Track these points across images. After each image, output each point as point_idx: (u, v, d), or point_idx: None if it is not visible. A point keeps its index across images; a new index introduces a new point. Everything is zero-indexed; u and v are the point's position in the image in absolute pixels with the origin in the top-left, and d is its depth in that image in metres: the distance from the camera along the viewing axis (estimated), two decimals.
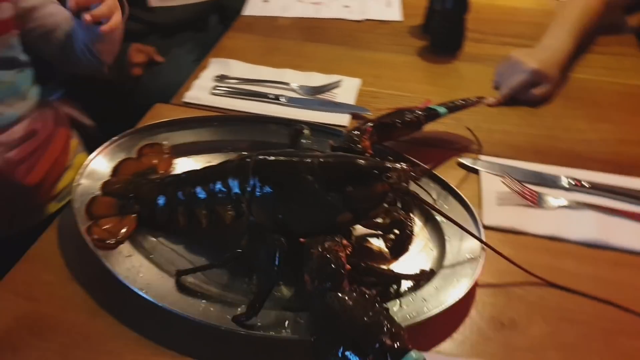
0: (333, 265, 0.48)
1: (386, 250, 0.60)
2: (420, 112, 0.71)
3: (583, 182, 0.69)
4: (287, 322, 0.52)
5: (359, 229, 0.61)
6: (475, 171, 0.72)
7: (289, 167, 0.56)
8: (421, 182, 0.61)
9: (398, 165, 0.55)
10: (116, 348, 0.52)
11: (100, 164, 0.67)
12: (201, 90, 0.86)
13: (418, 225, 0.63)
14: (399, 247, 0.60)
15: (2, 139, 0.80)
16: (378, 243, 0.61)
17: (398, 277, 0.55)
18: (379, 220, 0.60)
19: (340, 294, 0.46)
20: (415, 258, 0.60)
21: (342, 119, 0.80)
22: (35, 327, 0.53)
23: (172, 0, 1.24)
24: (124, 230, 0.60)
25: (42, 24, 0.84)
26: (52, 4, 0.86)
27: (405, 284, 0.55)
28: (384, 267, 0.58)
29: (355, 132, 0.65)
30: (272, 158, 0.57)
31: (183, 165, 0.72)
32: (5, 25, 0.78)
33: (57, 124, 0.93)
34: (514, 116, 0.84)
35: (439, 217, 0.61)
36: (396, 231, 0.60)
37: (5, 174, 0.81)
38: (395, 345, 0.40)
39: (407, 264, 0.59)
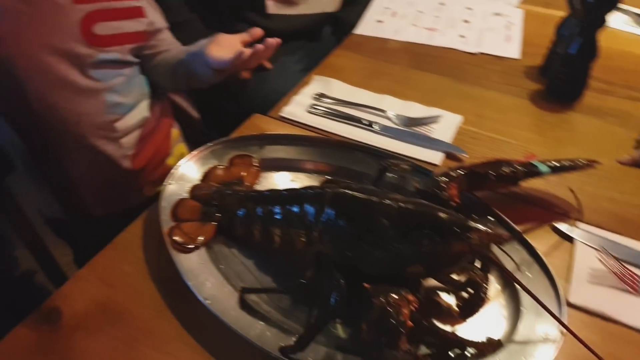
0: (393, 321, 0.46)
1: (455, 308, 0.57)
2: (519, 167, 0.66)
3: None
4: None
5: (431, 279, 0.58)
6: (570, 239, 0.66)
7: (366, 206, 0.55)
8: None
9: (482, 227, 0.52)
10: (173, 350, 0.54)
11: (191, 168, 0.71)
12: (298, 107, 0.87)
13: (494, 289, 0.59)
14: (470, 308, 0.57)
15: (119, 126, 0.87)
16: (448, 299, 0.58)
17: (461, 343, 0.52)
18: (454, 276, 0.57)
19: (394, 353, 0.45)
20: (485, 324, 0.56)
21: (435, 157, 0.78)
22: (109, 314, 0.57)
23: (290, 9, 1.28)
24: (202, 237, 0.62)
25: (157, 45, 0.92)
26: (167, 29, 0.95)
27: (468, 351, 0.52)
28: (449, 328, 0.55)
29: (443, 179, 0.62)
30: (351, 193, 0.57)
31: (270, 179, 0.73)
32: (138, 36, 0.86)
33: (163, 114, 0.99)
34: (627, 183, 0.76)
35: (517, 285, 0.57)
36: (470, 290, 0.57)
37: (116, 158, 0.88)
38: None
39: (474, 328, 0.55)
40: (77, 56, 0.78)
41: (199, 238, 0.62)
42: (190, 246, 0.61)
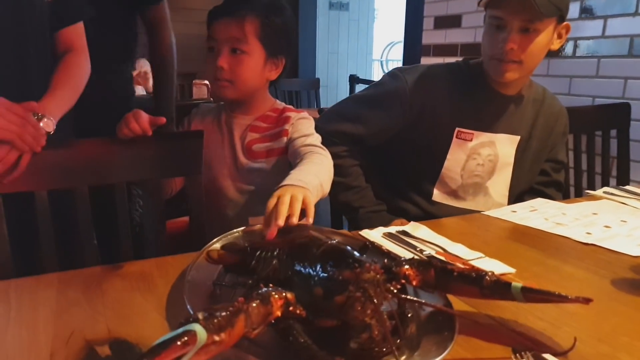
0: None
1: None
2: (489, 277, 0.65)
3: None
4: None
5: None
6: None
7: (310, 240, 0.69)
8: None
9: (371, 266, 0.58)
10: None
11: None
12: (378, 232, 1.03)
13: None
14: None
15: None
16: None
17: None
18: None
19: None
20: None
21: None
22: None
23: (456, 202, 1.45)
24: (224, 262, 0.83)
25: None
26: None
27: None
28: None
29: (405, 261, 0.68)
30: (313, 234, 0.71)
31: None
32: (279, 151, 1.20)
33: None
34: None
35: None
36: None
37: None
38: None
39: None
40: (238, 162, 1.19)
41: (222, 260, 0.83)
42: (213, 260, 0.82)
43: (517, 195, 1.49)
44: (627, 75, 2.19)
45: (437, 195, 1.45)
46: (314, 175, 0.95)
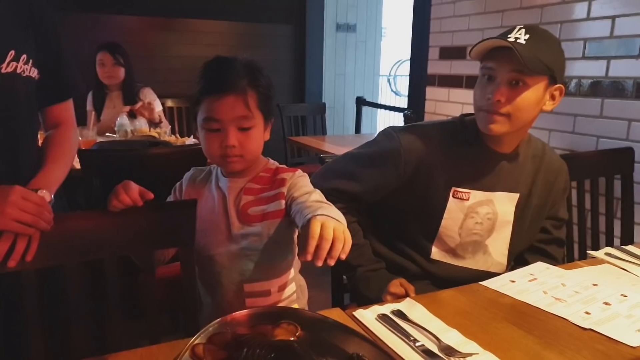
0: None
1: None
2: None
3: None
4: None
5: None
6: None
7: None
8: None
9: None
10: None
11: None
12: (372, 313, 1.00)
13: None
14: None
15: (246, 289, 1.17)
16: None
17: None
18: None
19: None
20: None
21: None
22: None
23: (455, 260, 1.42)
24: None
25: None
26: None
27: None
28: None
29: None
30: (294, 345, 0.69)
31: None
32: (276, 214, 1.18)
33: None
34: None
35: None
36: None
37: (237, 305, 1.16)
38: None
39: None
40: (232, 228, 1.17)
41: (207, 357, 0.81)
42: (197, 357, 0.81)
43: (517, 253, 1.47)
44: (632, 118, 2.17)
45: (436, 253, 1.43)
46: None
